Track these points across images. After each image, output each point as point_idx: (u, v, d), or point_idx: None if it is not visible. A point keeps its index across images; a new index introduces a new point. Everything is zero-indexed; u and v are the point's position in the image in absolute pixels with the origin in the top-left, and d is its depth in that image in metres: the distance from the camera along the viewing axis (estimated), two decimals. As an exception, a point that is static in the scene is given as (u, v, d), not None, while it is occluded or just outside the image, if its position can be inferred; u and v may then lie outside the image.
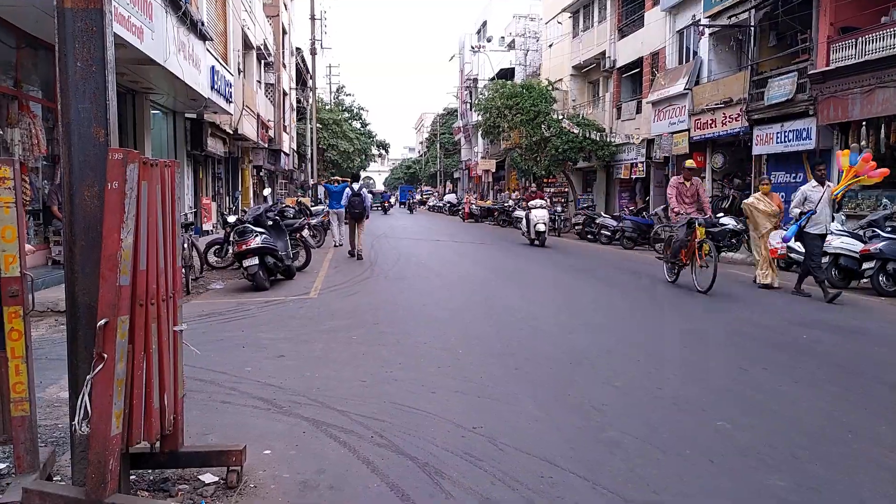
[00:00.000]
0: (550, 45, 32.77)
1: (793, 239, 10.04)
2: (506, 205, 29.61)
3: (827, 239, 10.53)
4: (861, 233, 10.79)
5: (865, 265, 10.18)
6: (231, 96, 16.63)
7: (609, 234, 19.70)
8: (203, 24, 12.93)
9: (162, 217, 2.92)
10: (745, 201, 10.97)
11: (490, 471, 3.47)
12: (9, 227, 2.84)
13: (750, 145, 17.45)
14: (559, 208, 26.48)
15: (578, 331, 7.16)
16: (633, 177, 24.84)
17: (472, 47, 44.73)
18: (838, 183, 10.30)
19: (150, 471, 3.40)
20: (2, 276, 2.85)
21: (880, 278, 9.83)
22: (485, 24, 46.94)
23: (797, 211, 9.70)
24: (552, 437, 3.97)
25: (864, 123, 13.61)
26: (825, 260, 10.73)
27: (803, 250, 9.89)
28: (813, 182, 9.86)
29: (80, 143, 2.77)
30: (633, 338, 6.85)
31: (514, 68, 39.23)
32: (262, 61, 26.66)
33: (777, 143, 16.31)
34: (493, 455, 3.68)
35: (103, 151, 2.75)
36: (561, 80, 30.39)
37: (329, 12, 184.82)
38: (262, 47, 25.35)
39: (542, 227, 17.89)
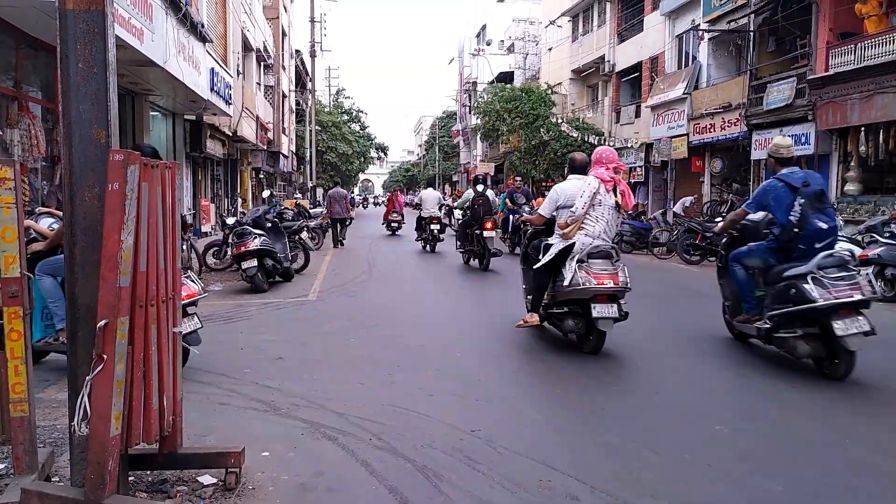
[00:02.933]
0: (550, 49, 32.84)
1: None
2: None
3: None
4: (859, 238, 10.81)
5: (863, 270, 10.17)
6: (230, 98, 16.63)
7: (608, 237, 19.71)
8: (203, 26, 12.94)
9: (162, 218, 2.92)
10: None
11: (488, 474, 3.48)
12: (9, 228, 2.84)
13: (749, 150, 17.48)
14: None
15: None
16: (632, 181, 24.88)
17: (473, 52, 44.81)
18: None
19: (148, 472, 3.40)
20: (2, 277, 2.85)
21: (878, 283, 9.85)
22: (484, 27, 47.03)
23: None
24: (550, 441, 3.97)
25: (862, 129, 13.65)
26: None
27: None
28: None
29: (81, 144, 2.77)
30: (630, 342, 6.85)
31: (513, 72, 39.29)
32: (262, 63, 26.68)
33: (776, 147, 16.34)
34: (492, 458, 3.68)
35: (104, 153, 2.75)
36: (560, 83, 30.45)
37: (329, 15, 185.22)
38: (261, 49, 25.37)
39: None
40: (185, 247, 9.53)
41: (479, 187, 13.22)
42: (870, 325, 5.12)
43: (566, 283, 5.76)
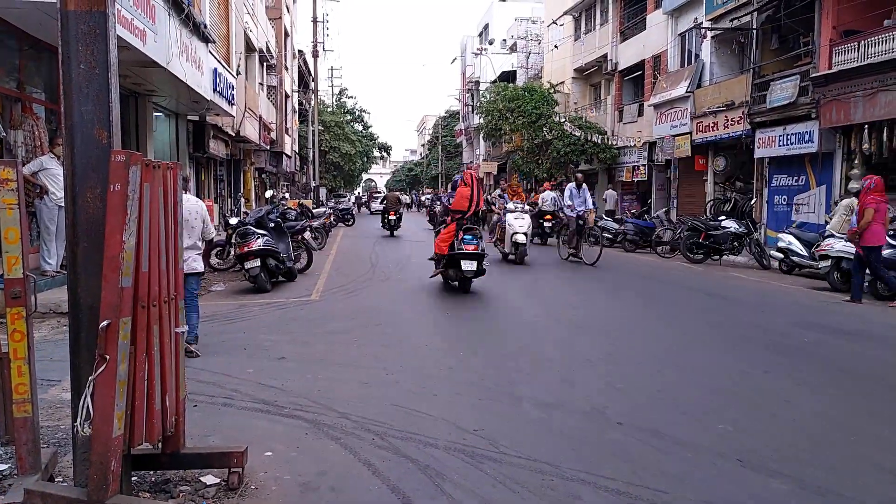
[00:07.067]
0: (556, 47, 32.71)
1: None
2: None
3: (829, 242, 10.66)
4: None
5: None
6: (233, 98, 16.64)
7: (611, 236, 19.68)
8: (205, 27, 12.95)
9: (164, 219, 2.92)
10: None
11: (491, 473, 3.47)
12: (12, 229, 2.85)
13: (752, 148, 17.43)
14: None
15: (579, 333, 7.16)
16: (635, 179, 24.85)
17: (475, 51, 44.79)
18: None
19: (151, 472, 3.40)
20: (5, 278, 2.85)
21: (878, 284, 9.83)
22: (487, 26, 46.99)
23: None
24: (554, 439, 3.97)
25: (866, 127, 13.60)
26: (827, 263, 10.77)
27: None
28: None
29: (84, 145, 2.78)
30: (634, 340, 6.85)
31: (515, 71, 39.27)
32: (265, 63, 26.69)
33: (779, 146, 16.31)
34: (495, 457, 3.68)
35: (106, 153, 2.76)
36: (563, 82, 30.41)
37: (331, 15, 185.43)
38: (264, 50, 25.39)
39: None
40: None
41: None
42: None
43: None
